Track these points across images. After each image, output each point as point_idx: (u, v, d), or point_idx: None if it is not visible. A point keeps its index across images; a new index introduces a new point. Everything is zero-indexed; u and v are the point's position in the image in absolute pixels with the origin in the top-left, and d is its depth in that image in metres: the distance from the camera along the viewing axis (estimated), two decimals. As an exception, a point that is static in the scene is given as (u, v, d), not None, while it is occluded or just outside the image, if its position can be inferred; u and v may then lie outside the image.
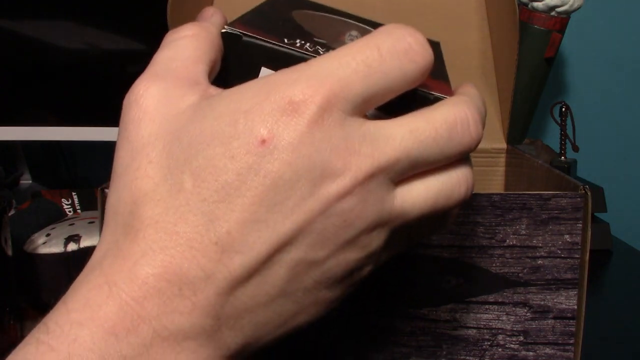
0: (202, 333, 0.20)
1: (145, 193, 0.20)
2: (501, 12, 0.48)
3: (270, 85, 0.20)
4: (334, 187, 0.20)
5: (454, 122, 0.22)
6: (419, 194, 0.22)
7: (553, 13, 0.77)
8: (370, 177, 0.20)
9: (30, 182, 0.91)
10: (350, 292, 0.23)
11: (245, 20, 0.26)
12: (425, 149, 0.21)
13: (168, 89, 0.22)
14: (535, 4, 0.77)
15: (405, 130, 0.21)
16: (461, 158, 0.23)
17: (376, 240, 0.22)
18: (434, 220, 0.24)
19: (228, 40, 0.24)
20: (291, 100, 0.20)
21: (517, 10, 0.44)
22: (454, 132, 0.22)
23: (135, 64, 0.73)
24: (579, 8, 0.77)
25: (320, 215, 0.20)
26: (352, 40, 0.28)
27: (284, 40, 0.24)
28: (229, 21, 0.26)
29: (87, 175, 0.92)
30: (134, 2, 0.71)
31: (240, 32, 0.24)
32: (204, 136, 0.20)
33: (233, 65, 0.25)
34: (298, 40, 0.25)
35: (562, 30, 0.79)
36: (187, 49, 0.23)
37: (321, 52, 0.24)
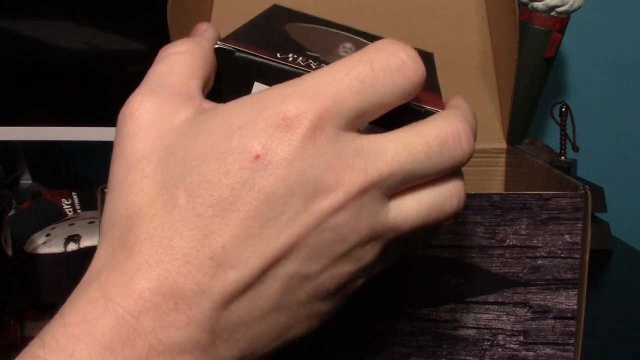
0: (197, 347, 0.20)
1: (140, 208, 0.20)
2: (501, 12, 0.48)
3: (263, 101, 0.20)
4: (327, 202, 0.20)
5: (445, 137, 0.22)
6: (411, 208, 0.22)
7: (553, 13, 0.77)
8: (363, 191, 0.20)
9: (30, 182, 0.91)
10: (343, 304, 0.23)
11: (238, 35, 0.26)
12: (417, 164, 0.21)
13: (163, 104, 0.22)
14: (535, 4, 0.77)
15: (398, 144, 0.21)
16: (453, 171, 0.23)
17: (369, 253, 0.22)
18: (427, 232, 0.24)
19: (221, 56, 0.25)
20: (285, 116, 0.20)
21: (517, 10, 0.44)
22: (445, 147, 0.22)
23: (135, 64, 0.73)
24: (579, 8, 0.77)
25: (314, 230, 0.20)
26: (346, 52, 0.28)
27: (277, 55, 0.24)
28: (222, 36, 0.26)
29: (87, 175, 0.92)
30: (134, 2, 0.71)
31: (233, 48, 0.24)
32: (198, 151, 0.20)
33: (226, 80, 0.25)
34: (290, 55, 0.25)
35: (562, 30, 0.79)
36: (181, 64, 0.24)
37: (313, 66, 0.24)
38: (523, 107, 0.81)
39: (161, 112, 0.22)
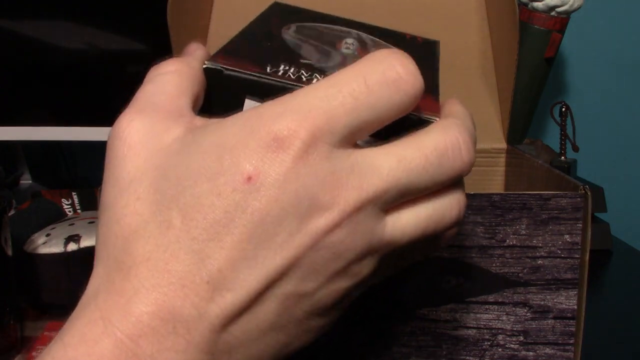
0: None
1: (135, 230, 0.20)
2: (501, 12, 0.48)
3: (254, 120, 0.20)
4: (322, 222, 0.20)
5: (444, 148, 0.22)
6: (408, 221, 0.22)
7: (553, 13, 0.77)
8: (359, 209, 0.20)
9: (30, 182, 0.91)
10: (340, 316, 0.23)
11: (228, 49, 0.26)
12: (414, 178, 0.21)
13: (152, 123, 0.22)
14: (535, 4, 0.77)
15: (394, 159, 0.21)
16: (453, 182, 0.23)
17: (366, 268, 0.22)
18: (425, 244, 0.24)
19: (210, 75, 0.24)
20: (276, 136, 0.20)
21: (517, 10, 0.44)
22: (444, 159, 0.21)
23: (135, 64, 0.73)
24: (579, 8, 0.77)
25: (309, 250, 0.20)
26: (348, 49, 0.28)
27: (267, 69, 0.24)
28: (217, 48, 0.26)
29: (87, 175, 0.92)
30: (134, 2, 0.71)
31: (221, 67, 0.24)
32: (190, 172, 0.20)
33: (217, 98, 0.25)
34: (282, 66, 0.25)
35: (562, 30, 0.79)
36: (169, 83, 0.23)
37: (304, 78, 0.24)
38: (523, 107, 0.81)
39: (151, 131, 0.22)
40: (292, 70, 0.25)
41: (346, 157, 0.20)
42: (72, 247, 0.55)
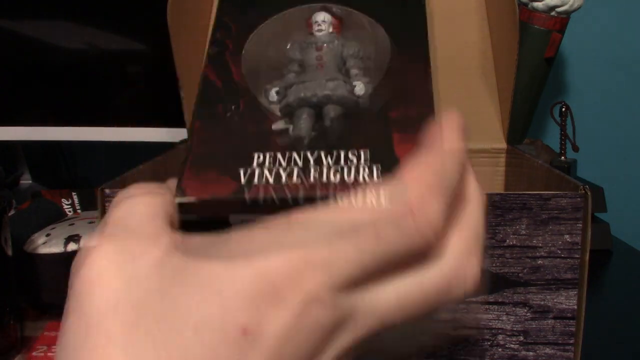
0: None
1: None
2: (501, 12, 0.48)
3: (242, 261, 0.18)
4: None
5: (447, 287, 0.21)
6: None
7: (553, 13, 0.77)
8: (355, 347, 0.20)
9: (30, 182, 0.91)
10: None
11: (193, 163, 0.24)
12: (409, 313, 0.21)
13: (125, 246, 0.19)
14: (535, 4, 0.77)
15: (393, 299, 0.20)
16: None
17: None
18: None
19: (184, 208, 0.23)
20: (274, 286, 0.18)
21: (517, 10, 0.44)
22: (445, 297, 0.21)
23: (135, 64, 0.73)
24: (579, 8, 0.77)
25: None
26: (320, 29, 0.26)
27: (240, 173, 0.23)
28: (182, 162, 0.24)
29: (87, 175, 0.92)
30: (134, 2, 0.71)
31: (192, 199, 0.23)
32: (172, 317, 0.17)
33: (199, 221, 0.23)
34: (255, 155, 0.23)
35: (562, 30, 0.79)
36: (140, 204, 0.21)
37: (282, 174, 0.23)
38: (523, 107, 0.81)
39: (124, 255, 0.19)
40: (268, 155, 0.23)
41: (346, 301, 0.19)
42: (72, 247, 0.55)
